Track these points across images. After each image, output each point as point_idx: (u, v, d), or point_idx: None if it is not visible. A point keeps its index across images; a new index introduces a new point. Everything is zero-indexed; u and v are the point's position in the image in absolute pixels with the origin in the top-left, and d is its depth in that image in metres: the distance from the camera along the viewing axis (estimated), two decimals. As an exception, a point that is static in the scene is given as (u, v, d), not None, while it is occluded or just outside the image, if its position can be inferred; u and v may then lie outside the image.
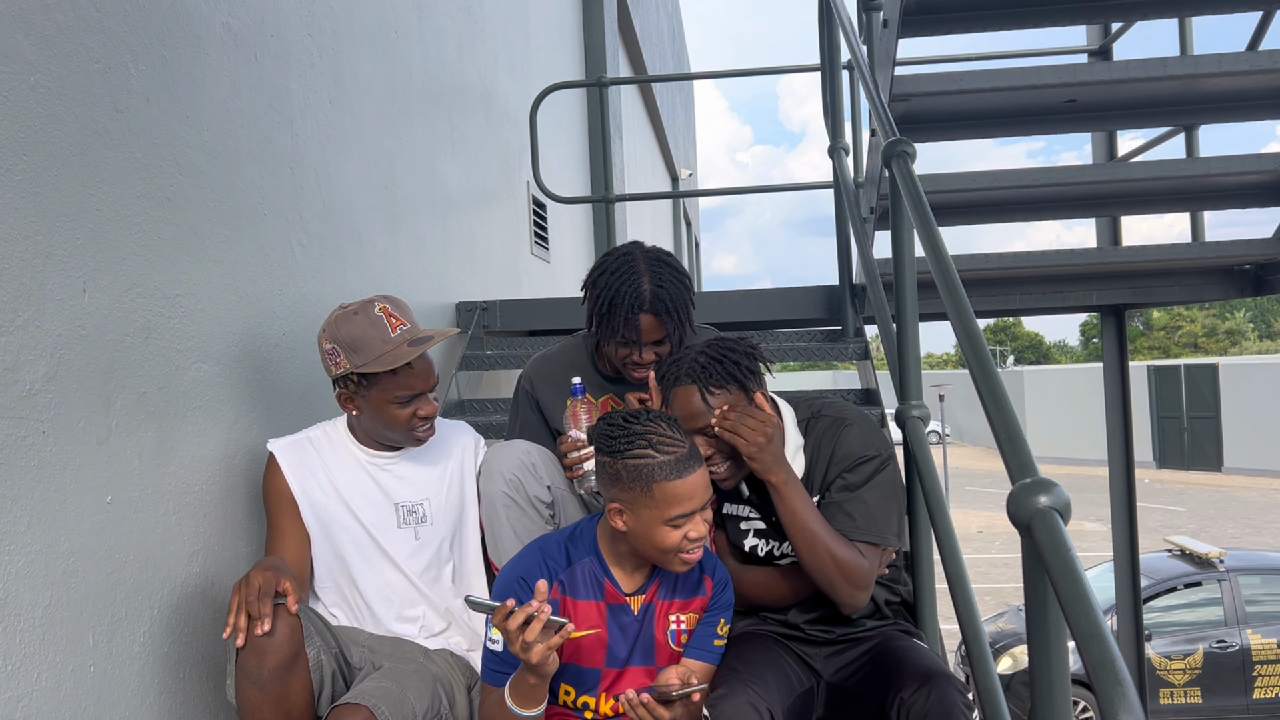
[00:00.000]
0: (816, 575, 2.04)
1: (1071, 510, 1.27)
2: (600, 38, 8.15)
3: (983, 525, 21.37)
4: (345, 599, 2.25)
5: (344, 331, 2.14)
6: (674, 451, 1.82)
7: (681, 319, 2.35)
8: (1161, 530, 16.96)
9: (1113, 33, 4.83)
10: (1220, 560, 10.14)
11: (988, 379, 1.55)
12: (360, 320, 2.14)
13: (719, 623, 2.00)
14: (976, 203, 3.80)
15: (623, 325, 2.31)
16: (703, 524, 1.84)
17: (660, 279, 2.33)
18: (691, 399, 2.06)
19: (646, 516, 1.82)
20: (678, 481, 1.79)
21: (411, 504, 2.28)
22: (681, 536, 1.82)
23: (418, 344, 2.15)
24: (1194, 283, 4.04)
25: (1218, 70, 2.76)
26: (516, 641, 1.70)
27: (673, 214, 15.59)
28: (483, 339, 4.17)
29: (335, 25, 3.03)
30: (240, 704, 1.89)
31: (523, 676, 1.79)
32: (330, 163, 2.96)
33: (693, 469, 1.82)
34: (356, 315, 2.14)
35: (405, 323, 2.17)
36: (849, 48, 3.08)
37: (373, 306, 2.16)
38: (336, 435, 2.31)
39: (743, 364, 2.09)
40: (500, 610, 1.71)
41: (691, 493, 1.81)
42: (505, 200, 5.23)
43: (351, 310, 2.17)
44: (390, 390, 2.15)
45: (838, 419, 2.17)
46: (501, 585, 1.93)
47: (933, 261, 1.90)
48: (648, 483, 1.80)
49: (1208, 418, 27.13)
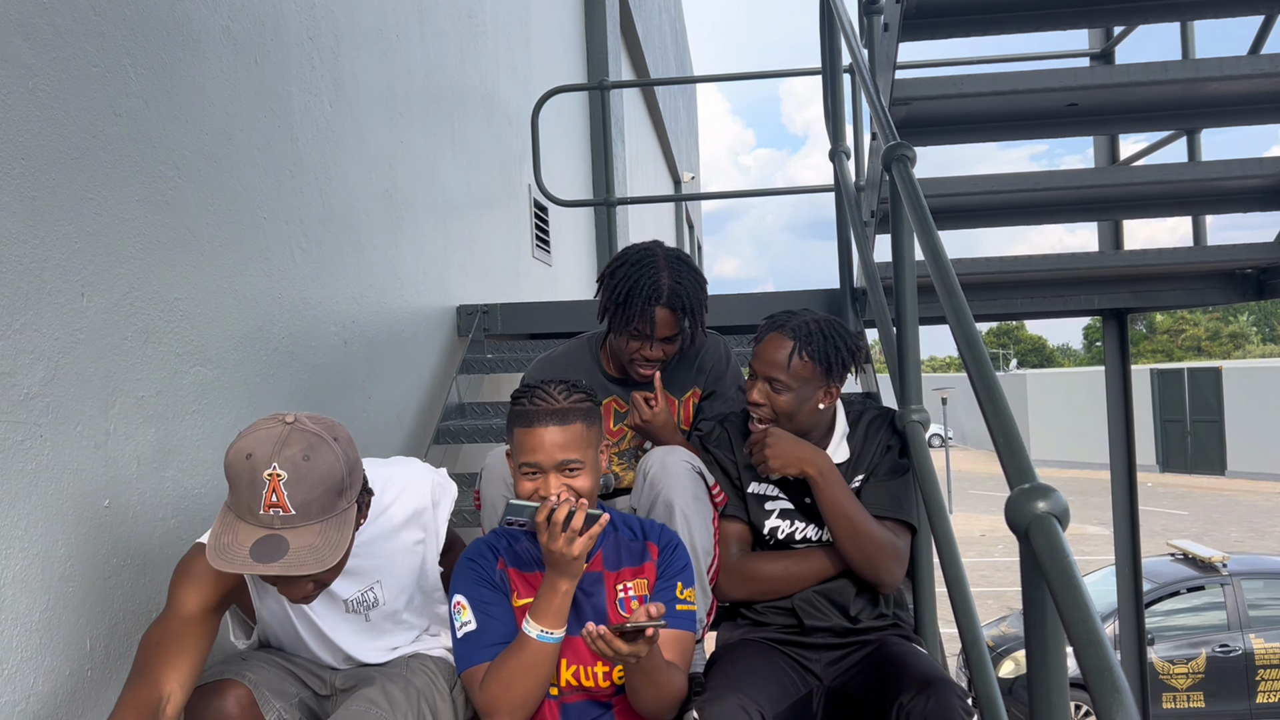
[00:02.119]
0: (861, 557, 2.15)
1: (1070, 516, 1.27)
2: (602, 40, 8.15)
3: (985, 529, 21.34)
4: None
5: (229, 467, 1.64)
6: (541, 405, 1.87)
7: (696, 318, 2.39)
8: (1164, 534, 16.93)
9: (1114, 36, 4.83)
10: (1223, 564, 10.11)
11: (987, 384, 1.55)
12: (248, 469, 1.61)
13: (676, 586, 1.98)
14: (978, 206, 3.79)
15: (638, 317, 2.33)
16: (555, 486, 1.84)
17: (679, 276, 2.36)
18: (780, 349, 2.19)
19: (513, 463, 1.93)
20: (525, 429, 1.86)
21: (359, 596, 1.95)
22: (533, 490, 1.85)
23: (263, 553, 1.60)
24: (1196, 287, 4.03)
25: (1219, 74, 2.76)
26: (560, 537, 1.75)
27: (675, 217, 15.59)
28: (484, 342, 4.17)
29: (336, 29, 3.04)
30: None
31: (551, 590, 1.80)
32: (330, 166, 2.96)
33: (545, 422, 1.85)
34: (247, 459, 1.62)
35: (288, 508, 1.62)
36: (850, 51, 3.08)
37: (257, 465, 1.61)
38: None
39: (842, 351, 2.21)
40: (544, 508, 1.77)
41: (536, 445, 1.84)
42: (506, 203, 5.23)
43: (242, 452, 1.63)
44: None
45: (883, 412, 2.38)
46: (458, 572, 1.95)
47: (932, 267, 1.90)
48: (511, 427, 1.92)
49: (1211, 421, 27.09)
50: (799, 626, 2.21)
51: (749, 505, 2.32)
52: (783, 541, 2.29)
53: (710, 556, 2.24)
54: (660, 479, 2.21)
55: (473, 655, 1.87)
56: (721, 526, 2.30)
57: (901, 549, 2.20)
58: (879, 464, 2.27)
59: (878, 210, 3.51)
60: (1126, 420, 4.96)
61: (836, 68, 3.89)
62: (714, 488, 2.31)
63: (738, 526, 2.31)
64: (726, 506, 2.32)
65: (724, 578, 2.28)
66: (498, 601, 1.91)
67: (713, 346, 2.61)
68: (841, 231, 3.86)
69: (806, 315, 2.25)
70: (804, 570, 2.24)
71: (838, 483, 2.16)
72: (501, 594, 1.92)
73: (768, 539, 2.30)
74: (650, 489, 2.23)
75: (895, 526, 2.21)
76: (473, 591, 1.90)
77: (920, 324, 2.47)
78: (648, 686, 1.84)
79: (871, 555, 2.14)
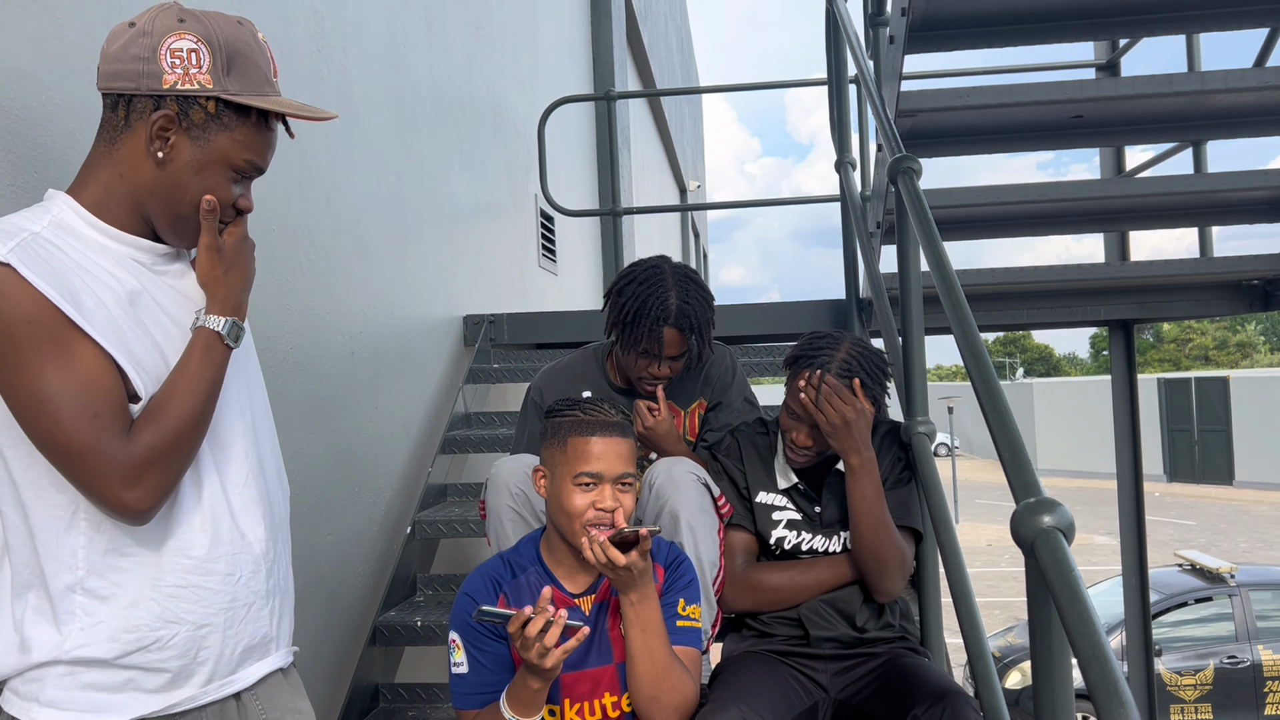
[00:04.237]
0: (874, 558, 2.17)
1: (1075, 529, 1.27)
2: (609, 51, 8.18)
3: (991, 539, 21.29)
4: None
5: (222, 33, 1.36)
6: (596, 416, 1.87)
7: (703, 336, 2.39)
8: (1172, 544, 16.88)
9: (1120, 47, 4.84)
10: (1231, 575, 10.07)
11: (992, 398, 1.56)
12: (245, 33, 1.39)
13: (678, 603, 1.97)
14: (984, 218, 3.80)
15: (645, 336, 2.34)
16: (611, 498, 1.84)
17: (686, 295, 2.36)
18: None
19: (559, 475, 1.86)
20: (590, 437, 1.85)
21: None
22: (589, 504, 1.83)
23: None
24: (1202, 298, 4.03)
25: (1225, 87, 2.76)
26: (534, 648, 1.68)
27: (681, 226, 15.62)
28: (490, 352, 4.18)
29: (344, 41, 3.05)
30: None
31: (524, 684, 1.76)
32: (339, 177, 2.98)
33: (610, 433, 1.86)
34: (241, 25, 1.39)
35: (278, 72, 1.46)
36: (855, 63, 3.09)
37: (255, 29, 1.42)
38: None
39: (883, 381, 2.27)
40: (517, 618, 1.70)
41: (601, 453, 1.84)
42: (513, 213, 5.25)
43: (232, 18, 1.40)
44: (237, 149, 1.38)
45: (895, 426, 2.41)
46: (457, 607, 1.92)
47: (938, 280, 1.90)
48: (564, 437, 1.87)
49: (1218, 431, 27.02)
50: (805, 637, 2.21)
51: (756, 514, 2.32)
52: (789, 552, 2.30)
53: (715, 568, 2.24)
54: (666, 490, 2.22)
55: (462, 698, 1.89)
56: (727, 537, 2.30)
57: (908, 559, 2.22)
58: (888, 475, 2.29)
59: (883, 221, 3.52)
60: (1133, 431, 4.96)
61: (842, 79, 3.90)
62: (719, 499, 2.31)
63: (744, 537, 2.32)
64: (732, 517, 2.33)
65: (729, 589, 2.28)
66: (489, 647, 1.88)
67: (719, 358, 2.61)
68: (847, 242, 3.87)
69: (841, 347, 2.24)
70: (810, 580, 2.24)
71: (872, 479, 2.18)
72: (495, 636, 1.88)
73: (774, 549, 2.30)
74: (656, 500, 2.23)
75: (903, 534, 2.23)
76: (467, 632, 1.88)
77: (925, 334, 2.48)
78: (644, 656, 1.83)
79: (884, 557, 2.16)
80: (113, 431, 1.25)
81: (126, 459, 1.25)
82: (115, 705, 1.31)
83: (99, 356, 1.27)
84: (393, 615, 3.01)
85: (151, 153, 1.34)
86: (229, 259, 1.41)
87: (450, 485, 3.67)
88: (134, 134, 1.34)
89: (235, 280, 1.42)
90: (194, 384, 1.33)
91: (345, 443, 2.96)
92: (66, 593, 1.29)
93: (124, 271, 1.35)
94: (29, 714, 1.28)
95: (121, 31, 1.35)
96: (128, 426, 1.28)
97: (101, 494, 1.25)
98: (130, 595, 1.31)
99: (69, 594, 1.29)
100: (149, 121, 1.33)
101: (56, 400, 1.23)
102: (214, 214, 1.38)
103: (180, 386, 1.32)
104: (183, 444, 1.31)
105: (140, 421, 1.29)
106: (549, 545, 1.97)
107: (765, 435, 2.40)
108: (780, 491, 2.33)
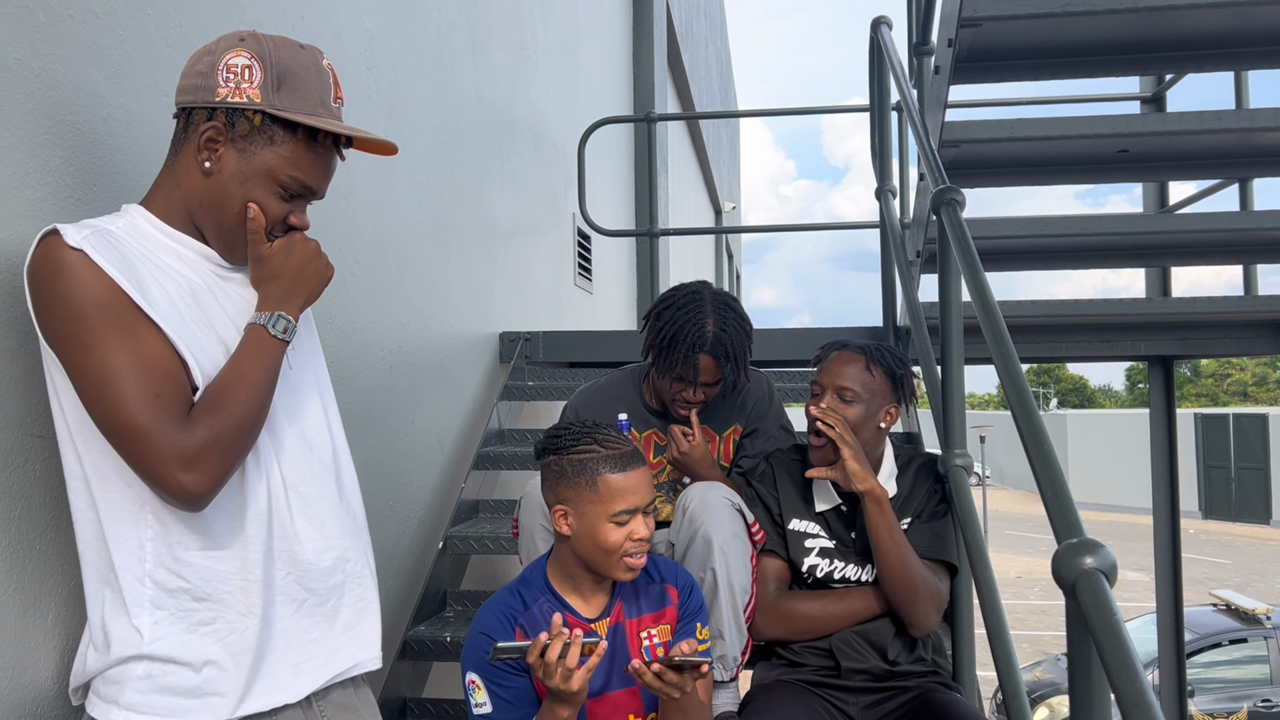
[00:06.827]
0: (903, 591, 2.16)
1: (1117, 571, 1.26)
2: (649, 72, 8.23)
3: (1021, 570, 21.02)
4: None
5: (277, 53, 1.42)
6: (618, 448, 1.84)
7: (739, 364, 2.39)
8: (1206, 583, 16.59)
9: (1166, 80, 4.80)
10: (1267, 617, 9.89)
11: (1035, 434, 1.54)
12: (305, 56, 1.44)
13: (695, 629, 1.97)
14: (1025, 249, 3.78)
15: (681, 362, 2.34)
16: (644, 526, 1.83)
17: (724, 323, 2.37)
18: (851, 362, 2.29)
19: (590, 514, 1.81)
20: (621, 474, 1.81)
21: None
22: (625, 536, 1.80)
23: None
24: (1246, 335, 3.97)
25: (1274, 124, 2.74)
26: (557, 672, 1.67)
27: (715, 247, 15.64)
28: (525, 369, 4.20)
29: (393, 59, 3.10)
30: None
31: (551, 713, 1.75)
32: (384, 194, 3.01)
33: (636, 464, 1.84)
34: (302, 49, 1.44)
35: (342, 100, 1.50)
36: (899, 91, 3.09)
37: (320, 56, 1.47)
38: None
39: (905, 368, 2.35)
40: (534, 647, 1.69)
41: (635, 486, 1.81)
42: (551, 232, 5.28)
43: (296, 44, 1.45)
44: (282, 164, 1.41)
45: (931, 459, 2.44)
46: (472, 647, 1.88)
47: (981, 314, 1.89)
48: (593, 476, 1.81)
49: (1256, 468, 26.56)
50: (835, 668, 2.20)
51: (789, 542, 2.32)
52: (821, 580, 2.29)
53: (748, 595, 2.24)
54: (700, 515, 2.22)
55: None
56: (760, 564, 2.30)
57: (942, 592, 2.21)
58: (924, 508, 2.29)
59: (924, 250, 3.51)
60: (1171, 468, 4.89)
61: (885, 107, 3.90)
62: (753, 525, 2.31)
63: (776, 564, 2.31)
64: (765, 543, 2.32)
65: (760, 616, 2.27)
66: (511, 683, 1.84)
67: (756, 385, 2.61)
68: (886, 269, 3.86)
69: (861, 339, 2.37)
70: (842, 610, 2.23)
71: (889, 511, 2.18)
72: (516, 670, 1.84)
73: (806, 577, 2.30)
74: (689, 524, 2.23)
75: (937, 568, 2.22)
76: (486, 671, 1.83)
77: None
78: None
79: (913, 592, 2.15)
80: (173, 413, 1.30)
81: (186, 442, 1.29)
82: (191, 710, 1.35)
83: (163, 342, 1.32)
84: (422, 630, 3.02)
85: (199, 163, 1.40)
86: (273, 269, 1.45)
87: (483, 501, 3.69)
88: (189, 145, 1.41)
89: (281, 290, 1.46)
90: (247, 374, 1.37)
91: (381, 456, 2.99)
92: (136, 585, 1.34)
93: (190, 270, 1.43)
94: (109, 717, 1.33)
95: (199, 54, 1.43)
96: (187, 411, 1.32)
97: (159, 475, 1.28)
98: (199, 589, 1.36)
99: (138, 586, 1.34)
100: (199, 132, 1.39)
101: (122, 380, 1.28)
102: (258, 225, 1.42)
103: (234, 377, 1.37)
104: (239, 432, 1.34)
105: (199, 407, 1.33)
106: (562, 573, 1.93)
107: (800, 462, 2.40)
108: (814, 518, 2.32)
